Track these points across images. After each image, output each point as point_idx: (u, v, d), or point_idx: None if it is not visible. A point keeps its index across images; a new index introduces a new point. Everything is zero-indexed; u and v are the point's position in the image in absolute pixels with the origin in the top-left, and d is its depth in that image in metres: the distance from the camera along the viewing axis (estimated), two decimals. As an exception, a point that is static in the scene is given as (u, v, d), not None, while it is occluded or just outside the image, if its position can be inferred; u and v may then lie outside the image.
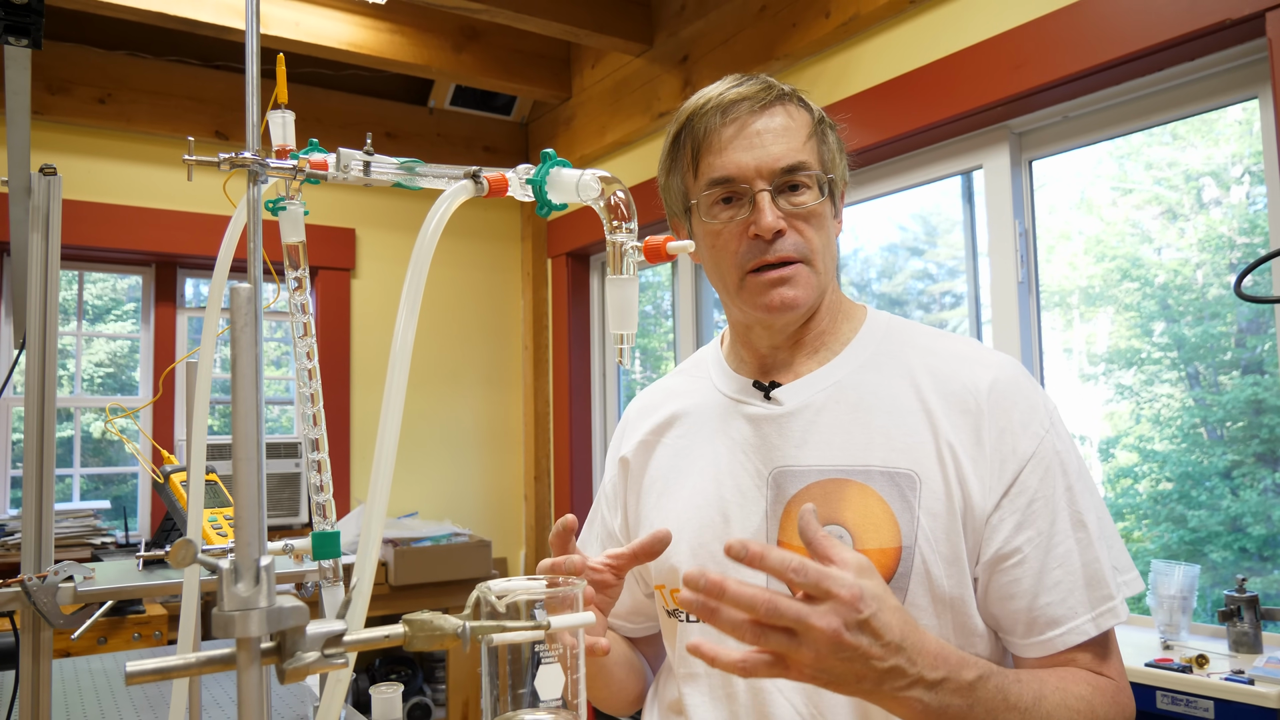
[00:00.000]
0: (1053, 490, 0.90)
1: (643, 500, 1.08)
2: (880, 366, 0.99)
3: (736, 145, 0.96)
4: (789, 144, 0.96)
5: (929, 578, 0.89)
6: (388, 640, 0.61)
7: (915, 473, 0.91)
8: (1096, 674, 0.89)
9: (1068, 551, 0.89)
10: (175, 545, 0.54)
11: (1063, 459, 0.92)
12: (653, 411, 1.13)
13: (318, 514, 1.08)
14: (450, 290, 4.02)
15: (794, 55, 2.73)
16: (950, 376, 0.95)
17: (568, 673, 0.67)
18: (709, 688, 0.98)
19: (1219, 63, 1.92)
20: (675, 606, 1.02)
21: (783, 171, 0.95)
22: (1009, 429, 0.91)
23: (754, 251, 0.96)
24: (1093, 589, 0.89)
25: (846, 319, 1.05)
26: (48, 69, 3.19)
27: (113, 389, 3.86)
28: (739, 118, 0.96)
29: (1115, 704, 0.88)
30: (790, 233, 0.96)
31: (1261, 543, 2.74)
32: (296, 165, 0.86)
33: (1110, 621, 0.89)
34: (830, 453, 0.95)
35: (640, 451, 1.11)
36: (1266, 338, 2.75)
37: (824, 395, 0.98)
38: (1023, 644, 0.90)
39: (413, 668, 3.63)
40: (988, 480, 0.90)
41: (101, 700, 1.53)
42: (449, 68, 3.42)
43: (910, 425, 0.93)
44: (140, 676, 0.53)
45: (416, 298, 0.67)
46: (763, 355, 1.04)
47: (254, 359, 0.55)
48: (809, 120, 0.99)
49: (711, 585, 0.71)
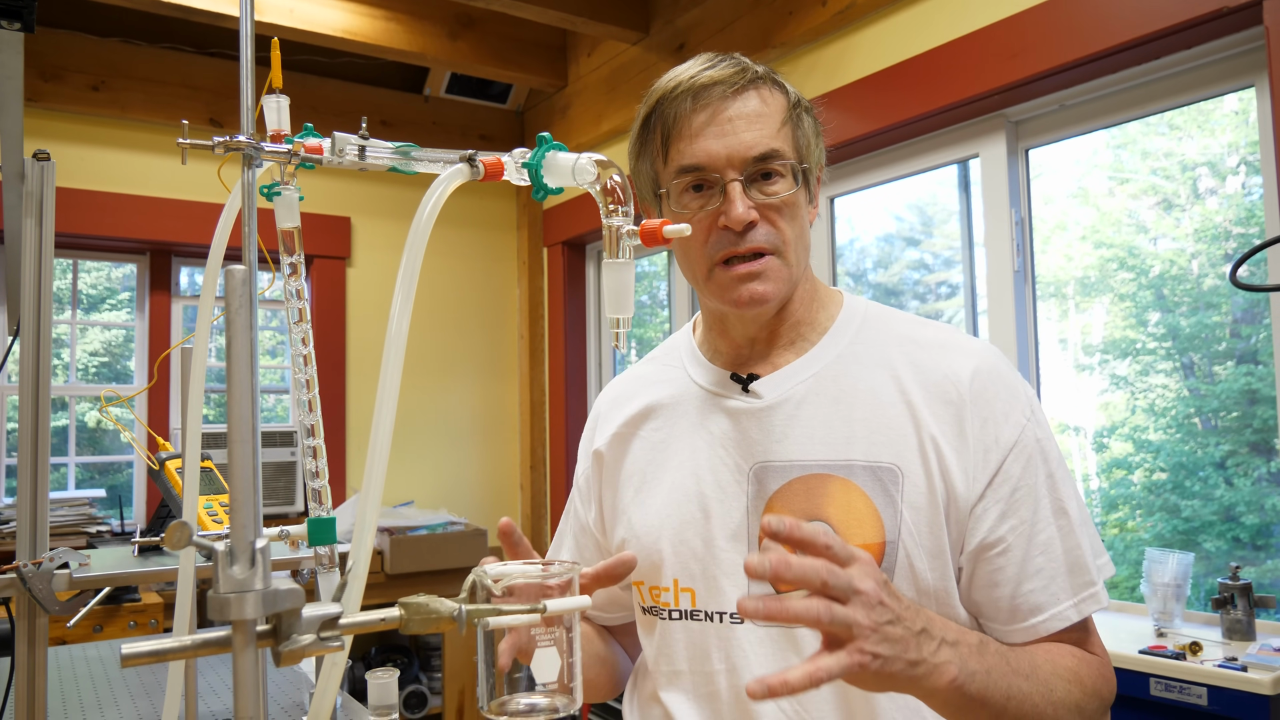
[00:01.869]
0: (1035, 479, 0.90)
1: (620, 494, 1.06)
2: (859, 357, 0.98)
3: (708, 132, 0.92)
4: (762, 131, 0.92)
5: (912, 571, 0.89)
6: (384, 623, 0.61)
7: (897, 466, 0.91)
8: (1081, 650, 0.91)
9: (1050, 539, 0.89)
10: (171, 528, 0.54)
11: (1043, 447, 0.92)
12: (626, 402, 1.10)
13: (313, 500, 1.08)
14: (446, 279, 4.02)
15: (790, 43, 2.73)
16: (931, 367, 0.94)
17: (563, 656, 0.68)
18: (691, 686, 0.97)
19: (1216, 51, 1.92)
20: (653, 604, 1.01)
21: (755, 160, 0.92)
22: (991, 418, 0.91)
23: (724, 242, 0.93)
24: (1074, 575, 0.89)
25: (822, 306, 1.02)
26: (40, 56, 3.17)
27: (107, 378, 3.85)
28: (710, 103, 0.93)
29: (1100, 677, 0.90)
30: (762, 224, 0.93)
31: (1254, 532, 2.75)
32: (291, 149, 0.85)
33: (1092, 607, 0.90)
34: (812, 447, 0.94)
35: (615, 444, 1.08)
36: (1261, 328, 2.76)
37: (804, 388, 0.97)
38: (1005, 630, 0.90)
39: (408, 656, 3.63)
40: (971, 470, 0.90)
41: (98, 687, 1.53)
42: (444, 55, 3.40)
43: (891, 418, 0.93)
44: (136, 658, 0.53)
45: (413, 279, 0.67)
46: (739, 345, 1.02)
47: (249, 341, 0.55)
48: (784, 104, 0.96)
49: (778, 563, 0.69)
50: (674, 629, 0.98)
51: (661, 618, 1.00)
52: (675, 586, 0.98)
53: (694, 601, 0.97)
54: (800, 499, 0.92)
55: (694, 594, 0.97)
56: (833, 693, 0.90)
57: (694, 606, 0.97)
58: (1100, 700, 0.89)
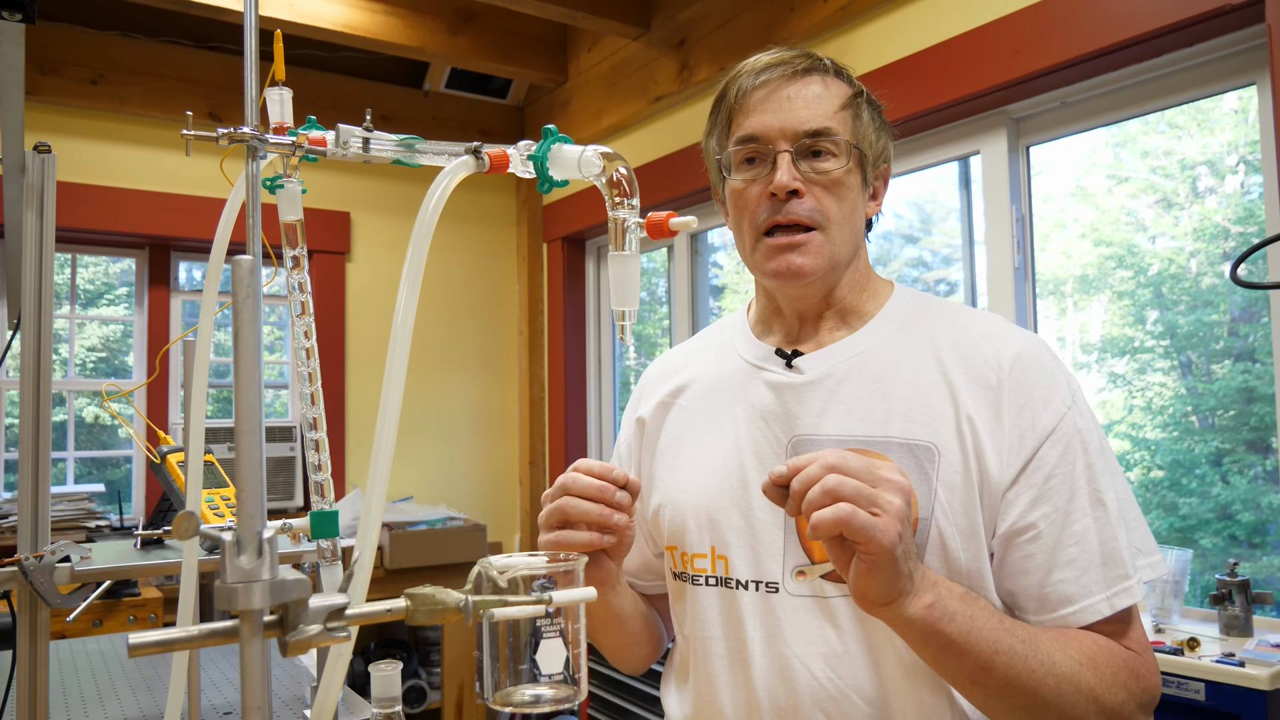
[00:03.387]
0: (1072, 467, 0.90)
1: (657, 461, 1.09)
2: (904, 340, 0.99)
3: (765, 107, 0.97)
4: (818, 110, 0.96)
5: (945, 550, 0.89)
6: (390, 614, 0.61)
7: (934, 445, 0.91)
8: None
9: (1085, 530, 0.89)
10: (178, 518, 0.54)
11: (1084, 437, 0.91)
12: (673, 375, 1.13)
13: (316, 493, 1.08)
14: (445, 275, 4.01)
15: (792, 39, 2.72)
16: (973, 352, 0.95)
17: (568, 647, 0.68)
18: (725, 653, 0.98)
19: (1218, 48, 1.92)
20: (685, 569, 1.02)
21: (807, 134, 0.95)
22: (1029, 404, 0.91)
23: (769, 211, 0.97)
24: (1109, 568, 0.88)
25: (873, 295, 1.05)
26: (39, 49, 3.16)
27: (106, 373, 3.84)
28: (770, 80, 0.98)
29: (1128, 670, 0.87)
30: (807, 197, 0.96)
31: (1251, 529, 2.76)
32: (295, 141, 0.85)
33: (1125, 601, 0.88)
34: (850, 423, 0.95)
35: (657, 413, 1.11)
36: (1259, 326, 2.76)
37: (846, 366, 0.98)
38: (1036, 620, 0.90)
39: (408, 651, 3.64)
40: (1005, 455, 0.90)
41: (99, 681, 1.53)
42: (444, 50, 3.40)
43: (930, 398, 0.93)
44: (143, 648, 0.53)
45: (418, 271, 0.67)
46: (789, 325, 1.05)
47: (256, 333, 0.55)
48: (846, 92, 0.99)
49: (792, 465, 0.77)
50: (707, 595, 1.00)
51: (695, 584, 1.01)
52: (712, 553, 0.99)
53: (728, 569, 0.98)
54: None
55: (728, 561, 0.98)
56: (866, 661, 0.91)
57: (728, 574, 0.98)
58: (1128, 693, 0.86)
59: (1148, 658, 0.90)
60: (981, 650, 0.79)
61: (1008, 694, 0.81)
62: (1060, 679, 0.82)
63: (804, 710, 0.91)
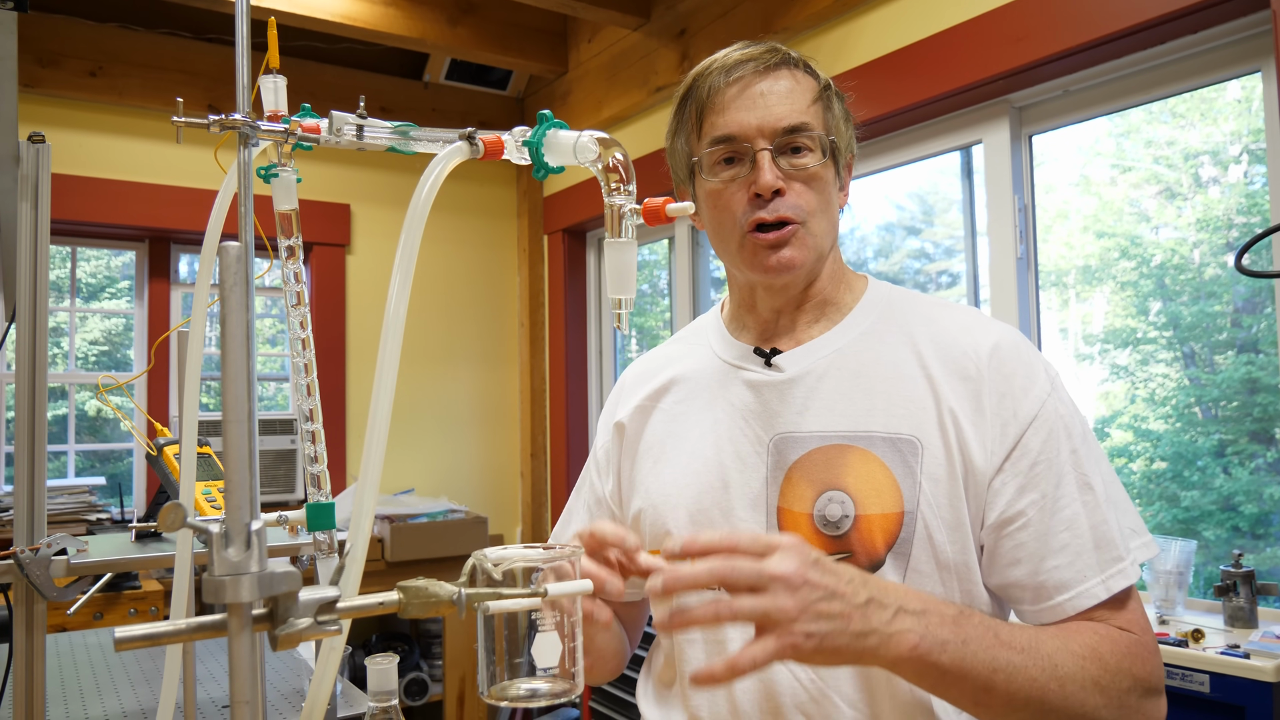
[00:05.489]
0: (1056, 453, 0.89)
1: (638, 465, 1.07)
2: (882, 335, 0.99)
3: (739, 105, 0.96)
4: (792, 105, 0.96)
5: (931, 543, 0.88)
6: (382, 607, 0.60)
7: (917, 438, 0.91)
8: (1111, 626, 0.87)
9: (1074, 515, 0.88)
10: (164, 510, 0.53)
11: (1066, 422, 0.91)
12: (650, 377, 1.12)
13: (312, 485, 1.07)
14: (445, 267, 4.00)
15: (793, 28, 2.70)
16: (951, 344, 0.95)
17: (564, 640, 0.67)
18: (706, 655, 0.97)
19: (1222, 35, 1.90)
20: None
21: (784, 131, 0.95)
22: (1009, 393, 0.91)
23: (753, 210, 0.96)
24: (1101, 551, 0.87)
25: (849, 288, 1.04)
26: (37, 41, 3.15)
27: (108, 366, 3.84)
28: (743, 77, 0.96)
29: (1129, 654, 0.86)
30: (789, 193, 0.95)
31: (1254, 521, 2.75)
32: (288, 128, 0.84)
33: (1121, 583, 0.87)
34: (832, 419, 0.94)
35: (636, 417, 1.10)
36: (1262, 317, 2.75)
37: (825, 362, 0.98)
38: (1033, 611, 0.89)
39: (409, 643, 3.64)
40: (990, 444, 0.89)
41: (97, 674, 1.52)
42: (444, 41, 3.38)
43: (911, 391, 0.93)
44: (130, 642, 0.52)
45: (411, 257, 0.66)
46: (765, 320, 1.04)
47: (244, 320, 0.54)
48: (814, 86, 0.99)
49: (668, 579, 0.73)
50: (688, 598, 0.98)
51: None
52: None
53: None
54: (819, 469, 0.93)
55: None
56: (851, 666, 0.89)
57: None
58: (1132, 679, 0.85)
59: (1148, 639, 0.89)
60: (979, 673, 0.78)
61: (1013, 707, 0.80)
62: (1064, 680, 0.81)
63: (785, 712, 0.90)
